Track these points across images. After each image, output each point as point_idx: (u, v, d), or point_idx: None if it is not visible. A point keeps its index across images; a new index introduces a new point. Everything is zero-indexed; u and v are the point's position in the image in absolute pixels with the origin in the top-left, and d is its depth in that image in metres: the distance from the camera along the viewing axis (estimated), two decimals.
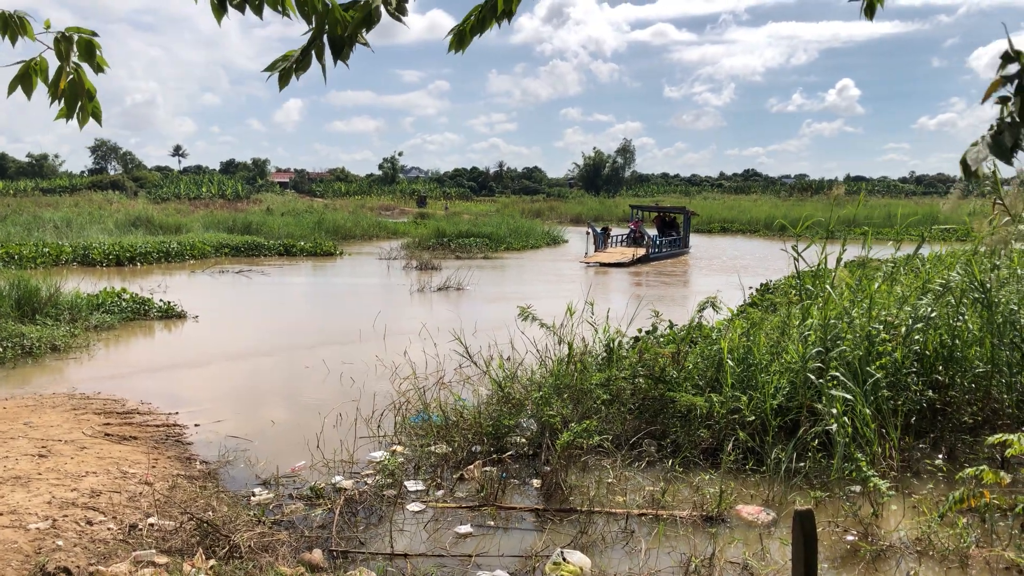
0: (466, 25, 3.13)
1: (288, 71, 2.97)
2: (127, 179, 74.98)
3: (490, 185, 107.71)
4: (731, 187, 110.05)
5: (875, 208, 54.50)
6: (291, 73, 2.98)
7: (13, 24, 2.91)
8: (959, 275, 8.87)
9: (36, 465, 7.18)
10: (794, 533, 3.62)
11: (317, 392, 10.63)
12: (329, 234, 38.94)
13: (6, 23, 2.90)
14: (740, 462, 7.33)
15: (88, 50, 3.01)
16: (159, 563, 5.28)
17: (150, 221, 37.22)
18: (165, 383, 11.18)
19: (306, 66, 2.96)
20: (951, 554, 5.69)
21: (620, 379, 8.41)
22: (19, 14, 2.92)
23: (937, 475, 7.16)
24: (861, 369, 7.65)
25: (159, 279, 22.82)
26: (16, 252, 25.14)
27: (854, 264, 10.54)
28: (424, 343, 10.49)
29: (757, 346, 8.26)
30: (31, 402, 9.68)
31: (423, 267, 27.06)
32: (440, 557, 5.79)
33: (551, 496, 6.85)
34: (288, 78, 2.99)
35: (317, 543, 5.93)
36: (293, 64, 2.95)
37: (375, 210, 61.58)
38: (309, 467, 7.66)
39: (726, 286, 13.90)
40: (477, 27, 3.13)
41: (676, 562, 5.69)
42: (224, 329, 15.98)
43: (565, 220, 58.11)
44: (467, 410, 8.32)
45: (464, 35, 3.15)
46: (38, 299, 14.71)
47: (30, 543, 5.54)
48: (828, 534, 6.12)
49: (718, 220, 54.76)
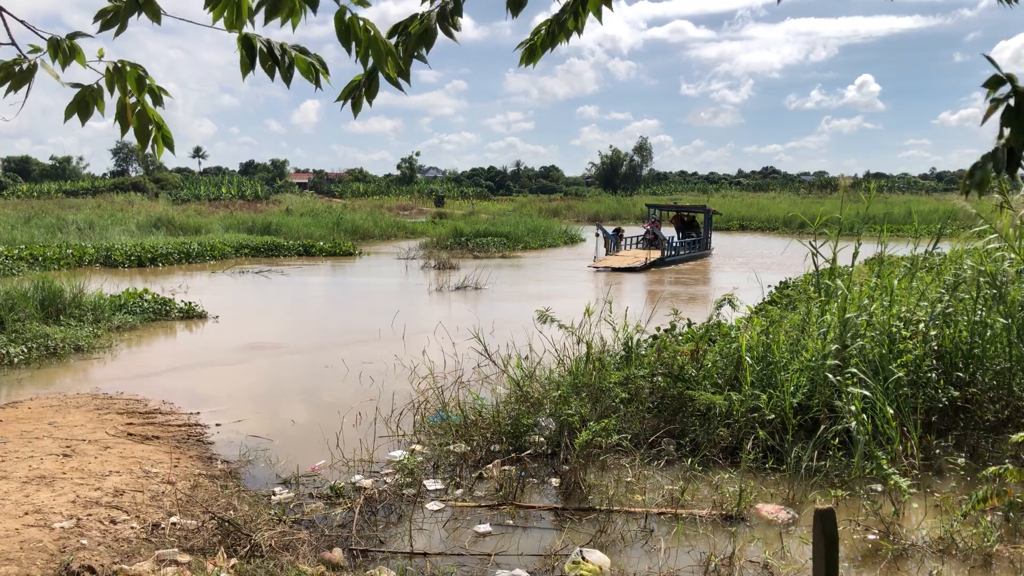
0: (536, 40, 3.16)
1: (359, 98, 3.01)
2: (148, 181, 75.60)
3: (507, 184, 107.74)
4: (749, 185, 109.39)
5: (895, 205, 54.03)
6: (362, 99, 3.01)
7: (64, 51, 2.92)
8: (969, 269, 8.79)
9: (61, 464, 7.27)
10: (815, 532, 3.61)
11: (336, 391, 10.69)
12: (348, 234, 39.12)
13: (57, 48, 2.92)
14: (760, 461, 7.30)
15: (139, 83, 3.04)
16: (181, 562, 5.34)
17: (171, 222, 37.55)
18: (186, 383, 11.29)
19: (375, 91, 2.99)
20: (974, 553, 5.64)
21: (639, 378, 8.40)
22: (69, 42, 2.94)
23: (959, 474, 7.10)
24: (882, 367, 7.59)
25: (180, 280, 23.02)
26: (40, 254, 25.44)
27: (873, 261, 10.46)
28: (442, 342, 10.53)
29: (777, 344, 8.22)
30: (55, 402, 9.80)
31: (441, 267, 27.12)
32: (459, 556, 5.81)
33: (570, 495, 6.86)
34: (360, 105, 3.02)
35: (337, 542, 5.97)
36: (362, 90, 2.98)
37: (393, 210, 61.73)
38: (329, 466, 7.71)
39: (745, 283, 13.83)
40: (548, 41, 3.16)
41: (696, 561, 5.68)
42: (244, 329, 16.09)
43: (582, 219, 58.01)
44: (486, 409, 8.33)
45: (535, 49, 3.19)
46: (62, 300, 14.89)
47: (55, 542, 5.61)
48: (849, 533, 6.08)
49: (736, 218, 54.46)
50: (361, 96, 3.00)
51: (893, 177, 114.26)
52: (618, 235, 32.00)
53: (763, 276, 13.49)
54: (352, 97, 3.00)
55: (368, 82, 2.97)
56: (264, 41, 2.92)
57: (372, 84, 2.97)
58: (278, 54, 2.89)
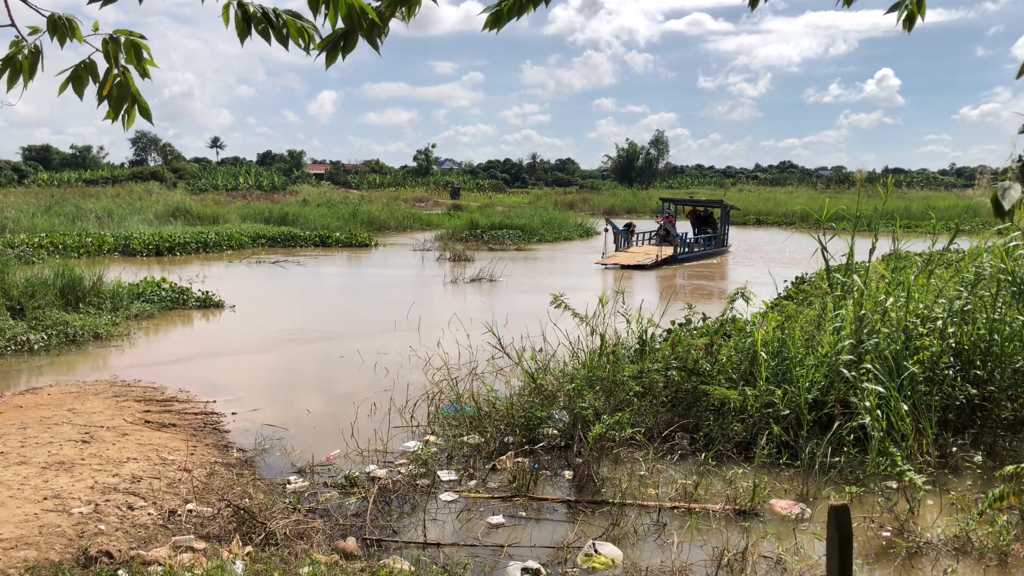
0: (503, 5, 3.14)
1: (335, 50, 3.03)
2: (166, 170, 76.08)
3: (523, 177, 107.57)
4: (767, 179, 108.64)
5: (914, 201, 53.57)
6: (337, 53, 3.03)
7: (62, 26, 2.96)
8: (989, 266, 8.70)
9: (79, 451, 7.36)
10: (829, 528, 3.60)
11: (351, 382, 10.74)
12: (364, 225, 39.25)
13: (56, 25, 2.95)
14: (774, 456, 7.28)
15: (136, 53, 3.06)
16: (197, 548, 5.39)
17: (188, 212, 37.80)
18: (203, 371, 11.38)
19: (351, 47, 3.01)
20: (990, 552, 5.61)
21: (653, 371, 8.39)
22: (67, 16, 2.97)
23: (976, 472, 7.05)
24: (897, 363, 7.54)
25: (197, 269, 23.17)
26: (60, 242, 25.70)
27: (890, 257, 10.39)
28: (457, 334, 10.55)
29: (792, 339, 8.19)
30: (75, 389, 9.91)
31: (456, 258, 27.16)
32: (472, 547, 5.84)
33: (583, 488, 6.87)
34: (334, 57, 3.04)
35: (351, 531, 6.01)
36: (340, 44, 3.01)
37: (409, 202, 61.86)
38: (343, 456, 7.76)
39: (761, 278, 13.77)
40: (515, 9, 3.14)
41: (708, 555, 5.68)
42: (260, 319, 16.19)
43: (598, 212, 57.80)
44: (499, 401, 8.35)
45: (500, 15, 3.16)
46: (81, 288, 15.05)
47: (73, 527, 5.68)
48: (863, 530, 6.06)
49: (753, 212, 54.19)
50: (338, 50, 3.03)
51: (912, 173, 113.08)
52: (629, 230, 30.25)
53: (780, 271, 13.43)
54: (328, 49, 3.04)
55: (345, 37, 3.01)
56: (257, 6, 2.98)
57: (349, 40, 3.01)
58: (272, 17, 2.96)
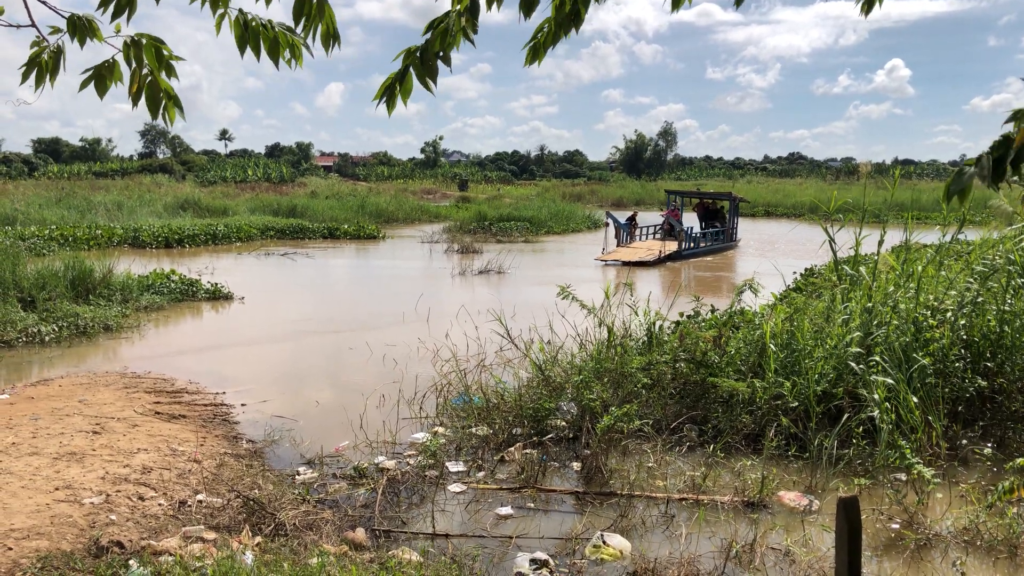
0: (540, 38, 3.19)
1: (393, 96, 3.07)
2: (175, 163, 76.28)
3: (531, 168, 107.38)
4: (776, 170, 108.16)
5: (924, 192, 53.17)
6: (395, 98, 3.08)
7: (82, 27, 2.97)
8: (1000, 257, 8.66)
9: (90, 441, 7.40)
10: (838, 520, 3.60)
11: (360, 373, 10.77)
12: (372, 217, 39.23)
13: (76, 26, 2.97)
14: (782, 448, 7.27)
15: (158, 56, 3.09)
16: (207, 539, 5.43)
17: (197, 204, 37.90)
18: (212, 363, 11.43)
19: (408, 89, 3.05)
20: (999, 544, 5.60)
21: (661, 363, 8.38)
22: (87, 16, 2.99)
23: (986, 464, 7.03)
24: (906, 355, 7.52)
25: (206, 261, 23.24)
26: (70, 234, 25.80)
27: (899, 248, 10.34)
28: (465, 326, 10.56)
29: (801, 331, 8.17)
30: (85, 380, 9.97)
31: (464, 250, 27.16)
32: (481, 538, 5.86)
33: (591, 479, 6.88)
34: (393, 103, 3.09)
35: (360, 522, 6.04)
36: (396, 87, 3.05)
37: (417, 194, 61.82)
38: (352, 447, 7.79)
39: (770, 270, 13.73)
40: (550, 40, 3.19)
41: (717, 547, 5.68)
42: (269, 310, 16.24)
43: (606, 204, 57.63)
44: (508, 393, 8.37)
45: (538, 49, 3.22)
46: (91, 280, 15.12)
47: (84, 517, 5.73)
48: (872, 522, 6.05)
49: (762, 204, 53.87)
50: (395, 94, 3.06)
51: (922, 164, 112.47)
52: (631, 223, 28.94)
53: (789, 263, 13.38)
54: (387, 95, 3.07)
55: (401, 78, 3.03)
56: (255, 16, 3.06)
57: (406, 80, 3.04)
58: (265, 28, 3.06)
